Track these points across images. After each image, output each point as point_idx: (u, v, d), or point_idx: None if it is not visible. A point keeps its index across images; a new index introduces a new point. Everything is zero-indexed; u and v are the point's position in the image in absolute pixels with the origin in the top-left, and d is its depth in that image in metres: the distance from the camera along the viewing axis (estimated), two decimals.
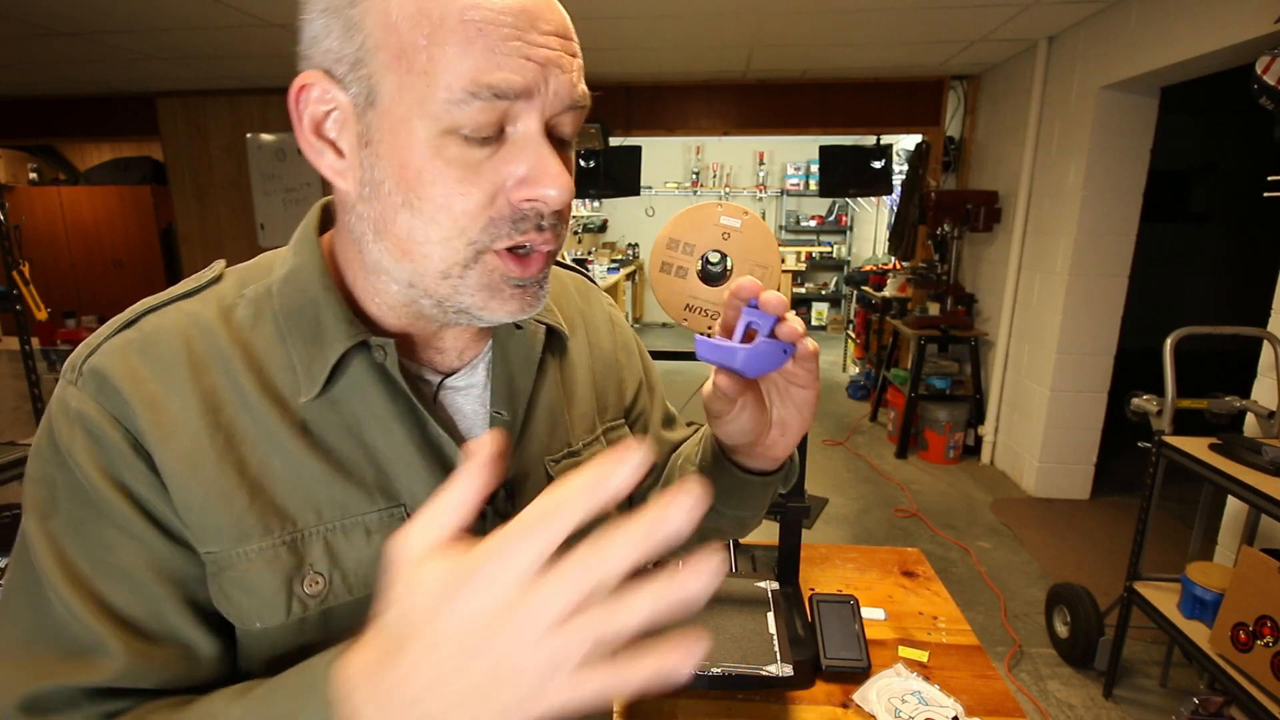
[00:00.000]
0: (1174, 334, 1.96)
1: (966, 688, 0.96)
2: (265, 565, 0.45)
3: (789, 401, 0.52)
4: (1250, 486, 1.58)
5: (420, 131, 0.42)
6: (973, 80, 4.34)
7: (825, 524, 3.27)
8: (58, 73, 4.24)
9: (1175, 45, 2.56)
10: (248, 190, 4.98)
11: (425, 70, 0.41)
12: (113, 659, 0.43)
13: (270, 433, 0.47)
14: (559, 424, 0.59)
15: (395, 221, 0.44)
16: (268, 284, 0.51)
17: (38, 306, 3.08)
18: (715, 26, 3.35)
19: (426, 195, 0.43)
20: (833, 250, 8.03)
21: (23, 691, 0.42)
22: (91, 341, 0.47)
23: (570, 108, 0.45)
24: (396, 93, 0.42)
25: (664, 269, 0.76)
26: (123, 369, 0.45)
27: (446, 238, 0.44)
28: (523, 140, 0.44)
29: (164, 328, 0.47)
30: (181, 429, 0.45)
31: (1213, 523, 2.14)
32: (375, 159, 0.44)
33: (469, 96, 0.41)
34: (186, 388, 0.46)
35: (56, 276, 5.91)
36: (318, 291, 0.49)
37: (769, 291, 0.47)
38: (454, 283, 0.46)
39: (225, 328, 0.48)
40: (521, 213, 0.45)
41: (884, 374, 4.65)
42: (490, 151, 0.43)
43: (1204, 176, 6.01)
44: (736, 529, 0.65)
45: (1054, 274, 3.36)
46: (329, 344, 0.48)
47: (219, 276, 0.52)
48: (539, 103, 0.43)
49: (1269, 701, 1.45)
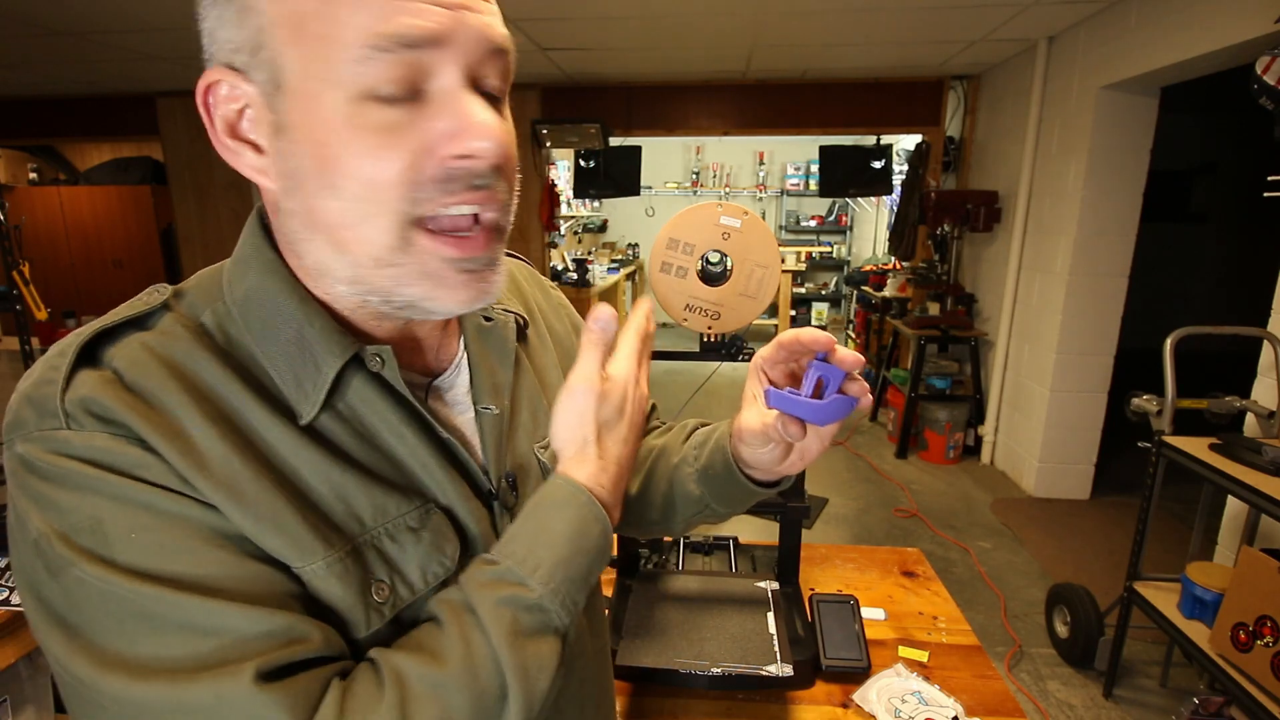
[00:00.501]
0: (1174, 334, 1.96)
1: (966, 688, 0.96)
2: (336, 579, 0.43)
3: (814, 434, 0.53)
4: (1250, 486, 1.58)
5: (331, 102, 0.40)
6: (973, 80, 4.34)
7: (825, 524, 3.27)
8: (58, 73, 4.24)
9: (1175, 45, 2.56)
10: (248, 190, 4.97)
11: (324, 34, 0.39)
12: (309, 632, 0.40)
13: (292, 448, 0.44)
14: (539, 410, 0.60)
15: (322, 210, 0.42)
16: (224, 307, 0.46)
17: (38, 306, 3.08)
18: (715, 26, 3.35)
19: (346, 171, 0.40)
20: (833, 250, 8.03)
21: (251, 671, 0.37)
22: (49, 379, 0.40)
23: (492, 52, 0.43)
24: (301, 67, 0.40)
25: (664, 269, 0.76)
26: (121, 402, 0.39)
27: (371, 215, 0.41)
28: (444, 94, 0.41)
29: (140, 360, 0.42)
30: (209, 457, 0.40)
31: (1213, 523, 2.14)
32: (292, 145, 0.41)
33: (374, 51, 0.38)
34: (196, 416, 0.41)
35: (56, 276, 5.92)
36: (293, 307, 0.46)
37: (843, 350, 0.48)
38: (392, 273, 0.43)
39: (206, 352, 0.44)
40: (450, 173, 0.42)
41: (884, 374, 4.65)
42: (409, 113, 0.40)
43: (1204, 176, 6.01)
44: (721, 520, 0.67)
45: (1054, 274, 3.36)
46: (322, 360, 0.45)
47: (165, 304, 0.46)
48: (455, 52, 0.41)
49: (1269, 701, 1.45)
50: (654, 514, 0.68)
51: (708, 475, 0.61)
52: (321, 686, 0.39)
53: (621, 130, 4.74)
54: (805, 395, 0.49)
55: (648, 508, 0.68)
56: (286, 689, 0.38)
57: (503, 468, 0.55)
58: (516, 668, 0.42)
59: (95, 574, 0.37)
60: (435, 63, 0.41)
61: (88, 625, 0.37)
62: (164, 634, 0.37)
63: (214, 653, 0.37)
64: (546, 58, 3.95)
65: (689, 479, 0.63)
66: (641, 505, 0.68)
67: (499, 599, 0.43)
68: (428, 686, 0.40)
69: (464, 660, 0.41)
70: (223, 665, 0.37)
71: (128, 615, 0.37)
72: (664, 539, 1.30)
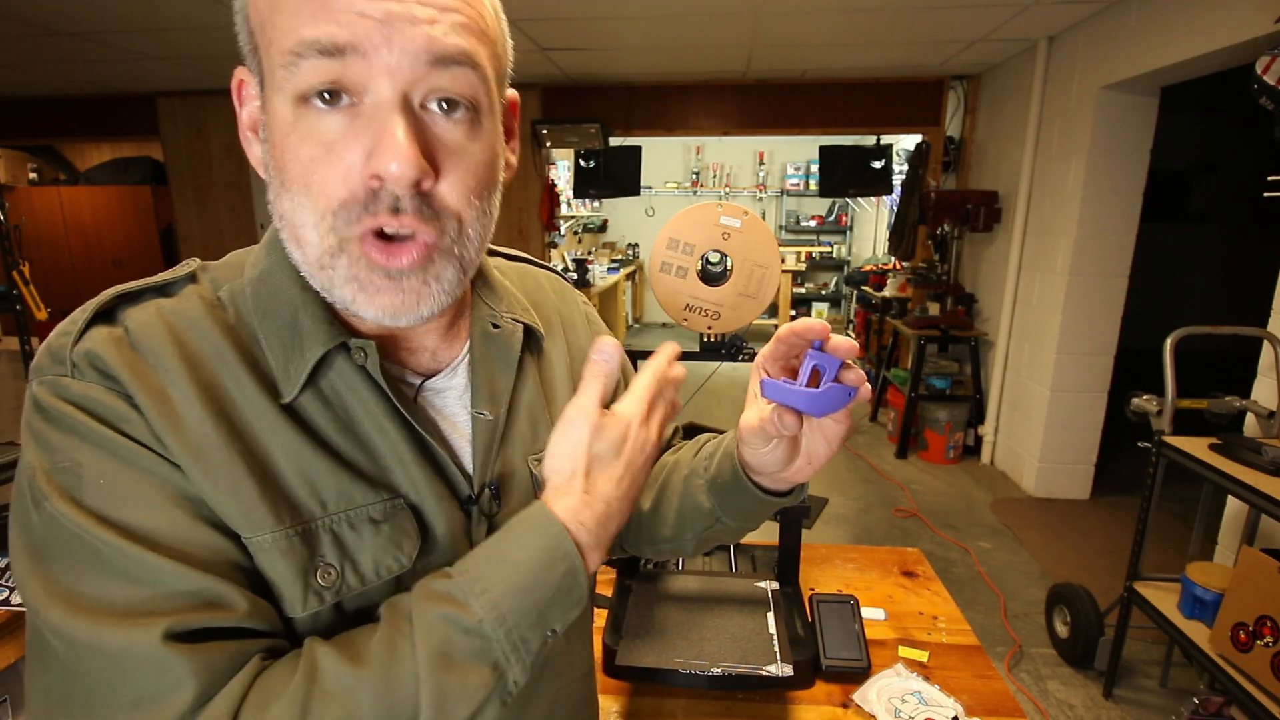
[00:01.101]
0: (1174, 334, 1.96)
1: (966, 688, 0.96)
2: (280, 555, 0.44)
3: (820, 435, 0.52)
4: (1250, 486, 1.58)
5: (279, 107, 0.42)
6: (973, 80, 4.34)
7: (825, 524, 3.27)
8: (58, 73, 4.24)
9: (1175, 45, 2.56)
10: (248, 190, 4.98)
11: (269, 40, 0.41)
12: (235, 601, 0.41)
13: (270, 425, 0.46)
14: (540, 423, 0.60)
15: (281, 207, 0.44)
16: (241, 285, 0.50)
17: (38, 306, 3.08)
18: (715, 26, 3.35)
19: (291, 174, 0.42)
20: (833, 250, 8.03)
21: (162, 627, 0.38)
22: (68, 331, 0.44)
23: (433, 63, 0.41)
24: (267, 71, 0.42)
25: (664, 269, 0.76)
26: (120, 359, 0.43)
27: (314, 221, 0.43)
28: (370, 110, 0.41)
29: (149, 323, 0.45)
30: (185, 420, 0.43)
31: (1213, 523, 2.14)
32: (268, 143, 0.44)
33: (295, 57, 0.40)
34: (183, 380, 0.44)
35: (56, 276, 5.91)
36: (294, 293, 0.48)
37: (838, 336, 0.47)
38: (329, 274, 0.44)
39: (214, 322, 0.47)
40: (374, 193, 0.42)
41: (884, 374, 4.65)
42: (345, 124, 0.41)
43: (1204, 176, 6.02)
44: (734, 536, 0.65)
45: (1054, 274, 3.36)
46: (308, 346, 0.47)
47: (193, 275, 0.50)
48: (384, 64, 0.40)
49: (1269, 701, 1.45)
50: (666, 530, 0.66)
51: (717, 485, 0.59)
52: (233, 660, 0.40)
53: (621, 130, 4.74)
54: (801, 385, 0.48)
55: (660, 524, 0.66)
56: (194, 653, 0.39)
57: (487, 475, 0.54)
58: (434, 690, 0.40)
59: (64, 511, 0.40)
60: (365, 73, 0.41)
61: (50, 557, 0.40)
62: (106, 577, 0.40)
63: (140, 603, 0.39)
64: (546, 58, 3.96)
65: (699, 491, 0.61)
66: (654, 522, 0.67)
67: (437, 614, 0.42)
68: (340, 685, 0.40)
69: (384, 668, 0.40)
70: (142, 616, 0.39)
71: (82, 553, 0.40)
72: None
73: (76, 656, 0.39)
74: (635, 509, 0.66)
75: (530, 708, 0.58)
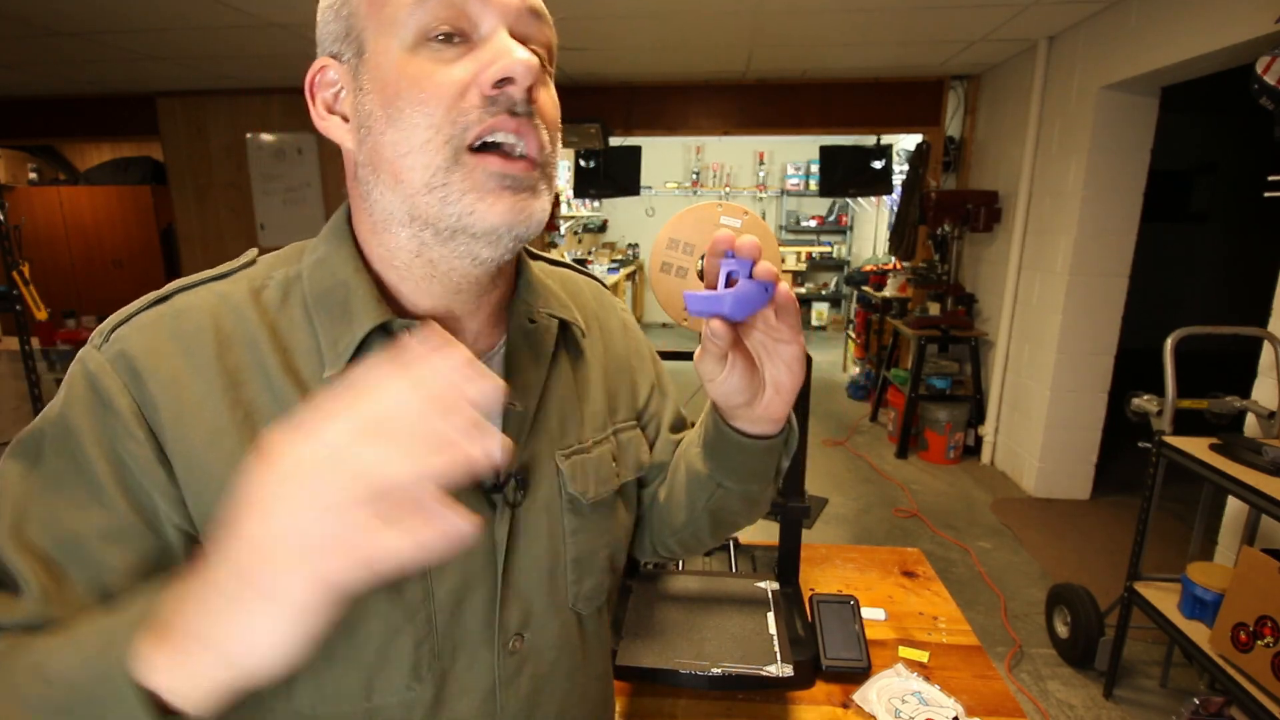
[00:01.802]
0: (1174, 334, 1.96)
1: (967, 688, 0.96)
2: None
3: (778, 359, 0.52)
4: (1250, 486, 1.57)
5: (394, 49, 0.46)
6: (973, 80, 4.34)
7: (825, 524, 3.27)
8: (58, 73, 4.24)
9: (1175, 45, 2.56)
10: (248, 190, 4.98)
11: (388, 2, 0.46)
12: (28, 603, 0.43)
13: (290, 411, 0.48)
14: (570, 418, 0.60)
15: (383, 145, 0.47)
16: (298, 269, 0.53)
17: (38, 306, 3.08)
18: (715, 26, 3.35)
19: (403, 102, 0.46)
20: (833, 250, 8.03)
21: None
22: (124, 311, 0.50)
23: (530, 14, 0.49)
24: (375, 32, 0.47)
25: (664, 269, 0.76)
26: (147, 345, 0.47)
27: (425, 140, 0.46)
28: (488, 37, 0.47)
29: (194, 305, 0.50)
30: (204, 405, 0.47)
31: (1213, 523, 2.14)
32: (365, 99, 0.48)
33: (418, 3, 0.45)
34: (211, 365, 0.48)
35: (56, 276, 5.91)
36: (349, 274, 0.51)
37: (743, 237, 0.48)
38: (441, 193, 0.47)
39: (254, 308, 0.51)
40: (491, 98, 0.47)
41: (884, 374, 4.65)
42: (461, 51, 0.47)
43: (1204, 176, 6.01)
44: (747, 508, 0.64)
45: (1054, 274, 3.36)
46: (357, 322, 0.50)
47: (252, 261, 0.54)
48: (496, 7, 0.47)
49: (1269, 702, 1.45)
50: (680, 513, 0.66)
51: (707, 445, 0.60)
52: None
53: (621, 130, 4.74)
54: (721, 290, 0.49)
55: (674, 509, 0.67)
56: None
57: (513, 464, 0.55)
58: None
59: (18, 465, 0.46)
60: (479, 14, 0.47)
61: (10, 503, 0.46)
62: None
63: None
64: None
65: (696, 459, 0.62)
66: (669, 508, 0.67)
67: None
68: None
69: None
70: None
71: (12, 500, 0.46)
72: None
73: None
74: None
75: (540, 706, 0.58)
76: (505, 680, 0.55)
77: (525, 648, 0.56)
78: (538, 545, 0.57)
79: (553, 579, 0.58)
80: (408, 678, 0.51)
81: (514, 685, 0.56)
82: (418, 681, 0.51)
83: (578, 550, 0.59)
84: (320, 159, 4.86)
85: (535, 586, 0.57)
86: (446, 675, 0.53)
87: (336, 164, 4.22)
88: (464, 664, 0.54)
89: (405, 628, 0.50)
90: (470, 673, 0.54)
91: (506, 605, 0.55)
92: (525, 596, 0.56)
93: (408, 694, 0.51)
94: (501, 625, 0.55)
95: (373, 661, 0.50)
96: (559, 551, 0.58)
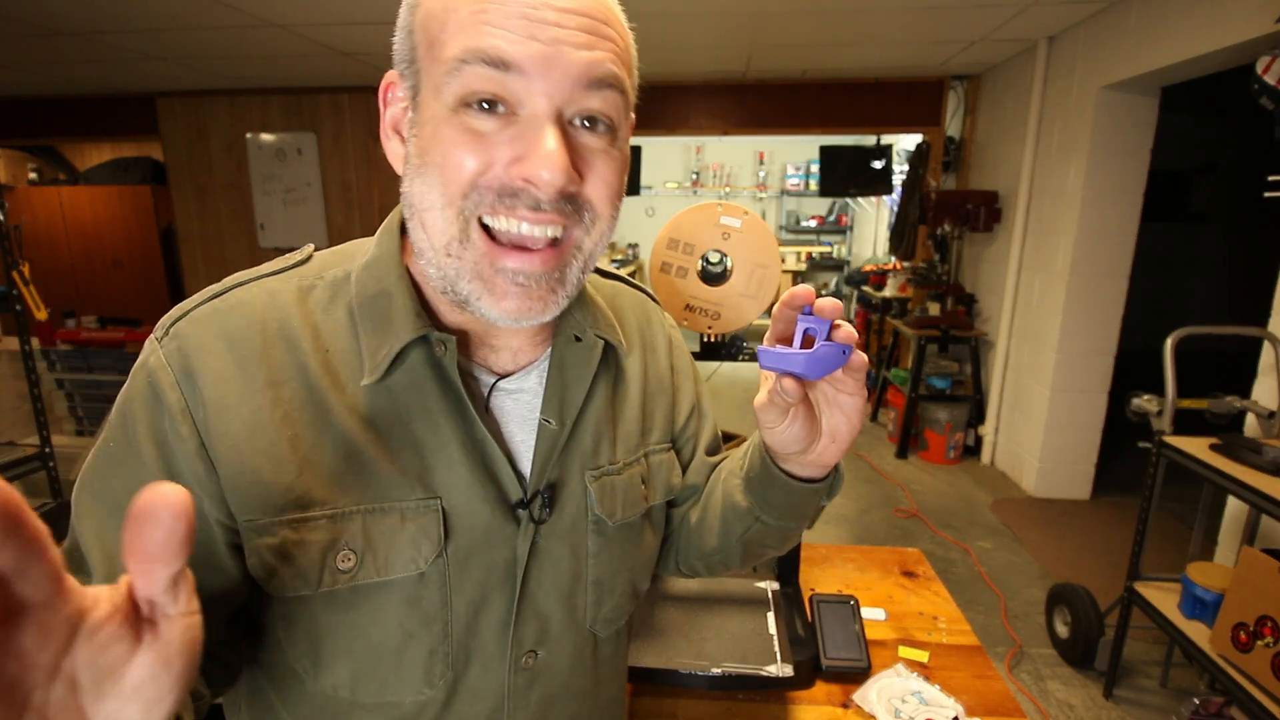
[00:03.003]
0: (1174, 334, 1.96)
1: (967, 688, 0.96)
2: (305, 536, 0.47)
3: (838, 409, 0.51)
4: (1250, 486, 1.57)
5: (436, 106, 0.45)
6: (973, 80, 4.34)
7: (825, 524, 3.27)
8: (58, 73, 4.24)
9: (1175, 45, 2.56)
10: (248, 190, 4.98)
11: (440, 55, 0.45)
12: (87, 578, 0.46)
13: (326, 412, 0.49)
14: (603, 439, 0.60)
15: (413, 192, 0.47)
16: (348, 270, 0.53)
17: (38, 306, 3.07)
18: (715, 26, 3.35)
19: (430, 159, 0.46)
20: (833, 250, 8.03)
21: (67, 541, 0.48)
22: (185, 305, 0.50)
23: (588, 85, 0.45)
24: (427, 79, 0.46)
25: (664, 269, 0.76)
26: (200, 340, 0.48)
27: (440, 204, 0.46)
28: (528, 120, 0.45)
29: (246, 303, 0.50)
30: (246, 402, 0.48)
31: (1213, 523, 2.14)
32: (414, 139, 0.47)
33: (460, 64, 0.43)
34: (255, 363, 0.48)
35: (56, 276, 5.90)
36: (392, 282, 0.51)
37: (824, 298, 0.47)
38: (455, 264, 0.47)
39: (300, 307, 0.51)
40: (512, 188, 0.45)
41: (884, 374, 4.65)
42: (497, 128, 0.45)
43: (1204, 176, 6.01)
44: (780, 541, 0.64)
45: (1054, 274, 3.36)
46: (396, 333, 0.50)
47: (308, 258, 0.55)
48: (545, 84, 0.44)
49: (1269, 702, 1.45)
50: (712, 539, 0.65)
51: (750, 479, 0.59)
52: None
53: None
54: (795, 350, 0.47)
55: (706, 533, 0.65)
56: None
57: (542, 481, 0.55)
58: None
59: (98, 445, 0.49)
60: (524, 90, 0.44)
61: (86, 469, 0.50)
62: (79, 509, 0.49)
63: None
64: None
65: (736, 490, 0.61)
66: (700, 532, 0.66)
67: None
68: None
69: None
70: None
71: (86, 483, 0.49)
72: None
73: None
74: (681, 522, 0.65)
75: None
76: (515, 694, 0.56)
77: (538, 664, 0.56)
78: (559, 564, 0.56)
79: (572, 599, 0.57)
80: (420, 681, 0.52)
81: (524, 700, 0.56)
82: (429, 686, 0.52)
83: (599, 572, 0.59)
84: (320, 159, 4.86)
85: (553, 605, 0.56)
86: (458, 683, 0.53)
87: (336, 164, 4.24)
88: (476, 674, 0.54)
89: (420, 634, 0.51)
90: (482, 683, 0.54)
91: (522, 621, 0.55)
92: (542, 614, 0.56)
93: (420, 696, 0.52)
94: (516, 640, 0.55)
95: (388, 662, 0.51)
96: (580, 572, 0.58)
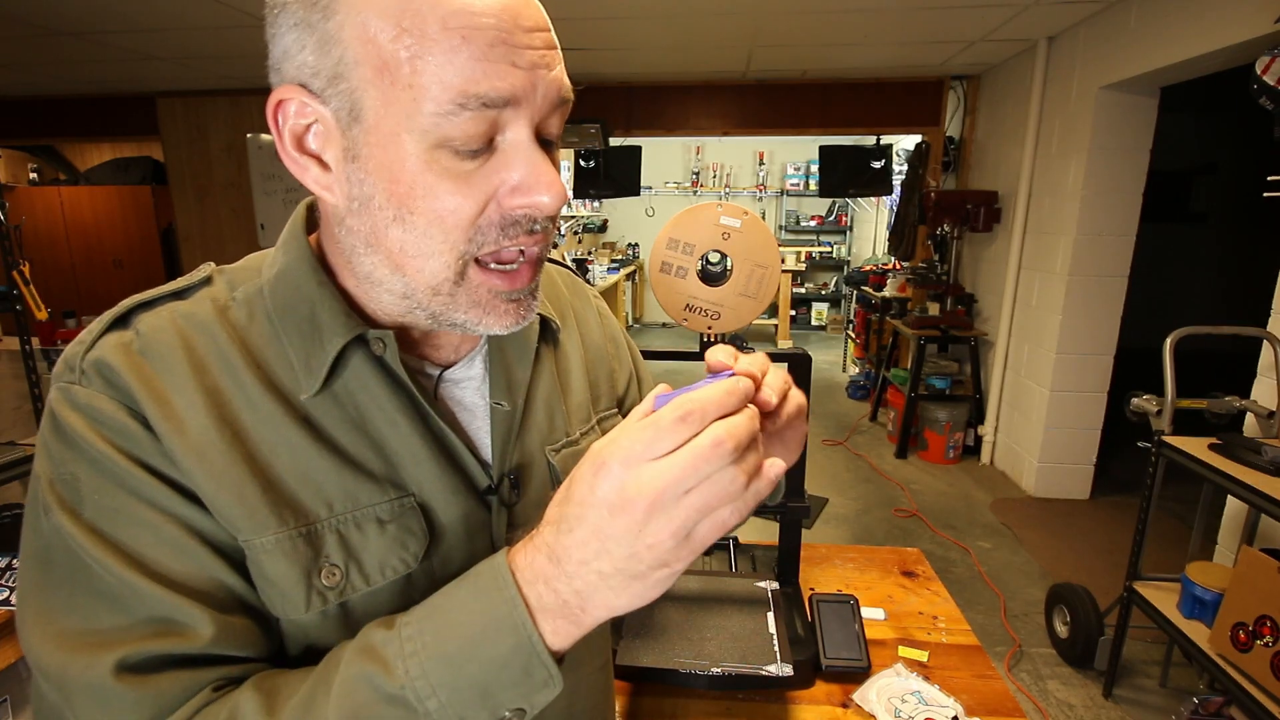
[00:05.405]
0: (1174, 334, 1.96)
1: (966, 688, 0.96)
2: (283, 556, 0.45)
3: (776, 442, 0.52)
4: (1250, 486, 1.58)
5: (410, 146, 0.41)
6: (973, 80, 4.34)
7: (825, 524, 3.27)
8: (58, 73, 4.24)
9: (1175, 45, 2.56)
10: (248, 190, 4.97)
11: (410, 84, 0.40)
12: (202, 627, 0.42)
13: (275, 428, 0.47)
14: (556, 413, 0.60)
15: (387, 236, 0.44)
16: (258, 284, 0.50)
17: (38, 306, 3.07)
18: (715, 26, 3.35)
19: (419, 209, 0.43)
20: (833, 250, 8.03)
21: (116, 658, 0.40)
22: (84, 340, 0.46)
23: (558, 105, 0.45)
24: (382, 107, 0.41)
25: (664, 269, 0.76)
26: (126, 364, 0.44)
27: (438, 251, 0.44)
28: (513, 147, 0.43)
29: (160, 328, 0.46)
30: (188, 424, 0.44)
31: (1213, 523, 2.14)
32: (364, 174, 0.43)
33: (457, 109, 0.40)
34: (189, 385, 0.45)
35: (56, 276, 5.91)
36: (311, 289, 0.49)
37: (744, 359, 0.44)
38: (445, 300, 0.46)
39: (223, 327, 0.48)
40: (513, 219, 0.45)
41: (884, 374, 4.65)
42: (481, 161, 0.43)
43: (1204, 176, 6.01)
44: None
45: (1054, 274, 3.37)
46: (328, 339, 0.48)
47: (208, 278, 0.51)
48: (527, 108, 0.43)
49: (1269, 701, 1.45)
50: None
51: None
52: (185, 690, 0.41)
53: (621, 130, 4.74)
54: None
55: None
56: (143, 685, 0.40)
57: (506, 465, 0.55)
58: None
59: (64, 524, 0.42)
60: (508, 118, 0.43)
61: (51, 565, 0.43)
62: (93, 597, 0.42)
63: (111, 629, 0.41)
64: None
65: None
66: None
67: (360, 673, 0.39)
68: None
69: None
70: (104, 645, 0.40)
71: (78, 569, 0.42)
72: None
73: (47, 684, 0.42)
74: None
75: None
76: None
77: None
78: None
79: None
80: None
81: None
82: None
83: None
84: None
85: None
86: None
87: None
88: None
89: None
90: None
91: None
92: None
93: None
94: None
95: None
96: None
